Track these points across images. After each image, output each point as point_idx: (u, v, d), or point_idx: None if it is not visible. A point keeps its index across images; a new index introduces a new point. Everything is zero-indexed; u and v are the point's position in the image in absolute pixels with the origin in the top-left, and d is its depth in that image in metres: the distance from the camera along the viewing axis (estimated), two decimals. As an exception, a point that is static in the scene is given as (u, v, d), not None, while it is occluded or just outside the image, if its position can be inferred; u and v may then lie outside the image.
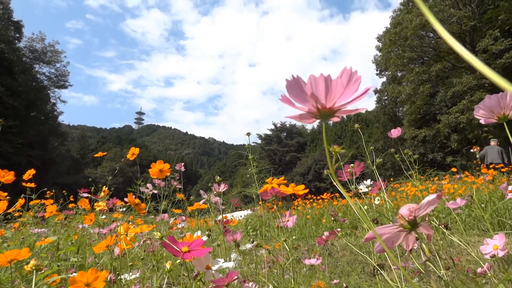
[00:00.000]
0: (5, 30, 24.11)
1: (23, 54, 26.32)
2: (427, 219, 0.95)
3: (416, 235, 0.42)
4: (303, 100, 0.33)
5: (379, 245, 0.40)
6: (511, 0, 17.87)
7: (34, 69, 27.21)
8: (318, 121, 0.36)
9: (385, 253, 0.42)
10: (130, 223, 1.44)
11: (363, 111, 0.36)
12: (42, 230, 1.76)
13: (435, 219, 1.04)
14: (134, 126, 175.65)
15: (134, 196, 1.17)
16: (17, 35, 25.95)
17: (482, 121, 0.57)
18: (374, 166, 1.08)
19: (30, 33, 34.54)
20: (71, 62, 29.96)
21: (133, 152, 1.58)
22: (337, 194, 7.95)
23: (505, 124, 0.56)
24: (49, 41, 28.63)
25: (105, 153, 2.03)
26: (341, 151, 0.42)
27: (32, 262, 0.63)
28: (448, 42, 0.23)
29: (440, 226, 0.86)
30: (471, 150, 7.29)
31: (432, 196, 0.39)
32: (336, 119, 0.35)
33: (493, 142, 6.96)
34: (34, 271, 0.63)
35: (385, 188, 1.07)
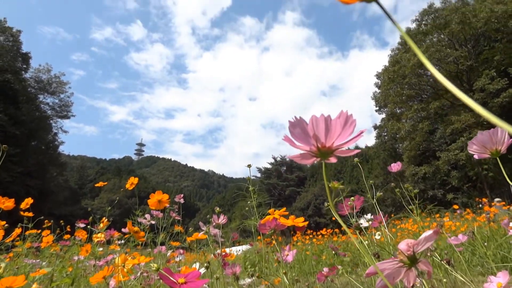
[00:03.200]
0: (13, 61, 24.70)
1: (28, 85, 26.80)
2: (428, 254, 0.94)
3: (416, 272, 0.42)
4: (304, 140, 0.35)
5: (380, 281, 0.40)
6: (505, 42, 18.47)
7: (39, 99, 27.60)
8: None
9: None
10: (127, 254, 1.42)
11: (357, 152, 0.38)
12: (37, 261, 1.72)
13: (438, 256, 1.02)
14: (134, 157, 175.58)
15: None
16: (24, 66, 26.56)
17: (476, 156, 0.59)
18: (374, 200, 1.08)
19: (37, 64, 35.27)
20: (74, 93, 30.36)
21: (132, 182, 1.58)
22: (337, 230, 7.83)
23: (498, 159, 0.57)
24: (55, 72, 29.29)
25: (105, 183, 2.03)
26: (340, 187, 0.43)
27: (34, 286, 0.62)
28: (444, 83, 0.24)
29: (442, 262, 0.85)
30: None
31: (429, 232, 0.40)
32: (333, 160, 0.37)
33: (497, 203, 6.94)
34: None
35: (385, 222, 1.06)
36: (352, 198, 0.98)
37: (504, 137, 0.53)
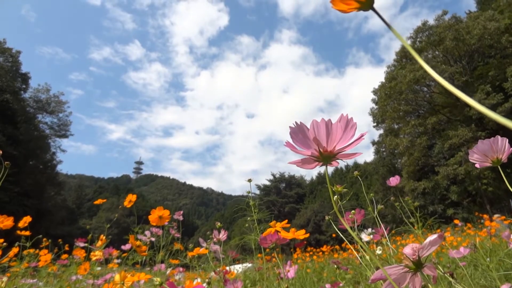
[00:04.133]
0: (12, 81, 24.86)
1: (27, 104, 26.89)
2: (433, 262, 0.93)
3: (422, 277, 0.42)
4: (305, 145, 0.35)
5: (387, 285, 0.40)
6: (499, 58, 18.77)
7: (37, 118, 27.65)
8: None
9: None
10: (126, 272, 1.40)
11: (360, 155, 0.38)
12: (34, 280, 1.70)
13: (441, 269, 1.01)
14: (132, 175, 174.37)
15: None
16: (24, 86, 26.72)
17: (477, 165, 0.59)
18: (375, 213, 1.08)
19: (36, 84, 35.66)
20: (72, 112, 30.46)
21: (130, 200, 1.57)
22: (337, 247, 7.75)
23: (499, 167, 0.57)
24: (54, 92, 29.43)
25: (104, 200, 2.02)
26: (343, 190, 0.43)
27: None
28: (447, 87, 0.25)
29: (446, 275, 0.84)
30: None
31: (434, 236, 0.39)
32: (335, 164, 0.37)
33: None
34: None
35: (387, 234, 1.06)
36: (353, 211, 0.98)
37: (504, 146, 0.54)
